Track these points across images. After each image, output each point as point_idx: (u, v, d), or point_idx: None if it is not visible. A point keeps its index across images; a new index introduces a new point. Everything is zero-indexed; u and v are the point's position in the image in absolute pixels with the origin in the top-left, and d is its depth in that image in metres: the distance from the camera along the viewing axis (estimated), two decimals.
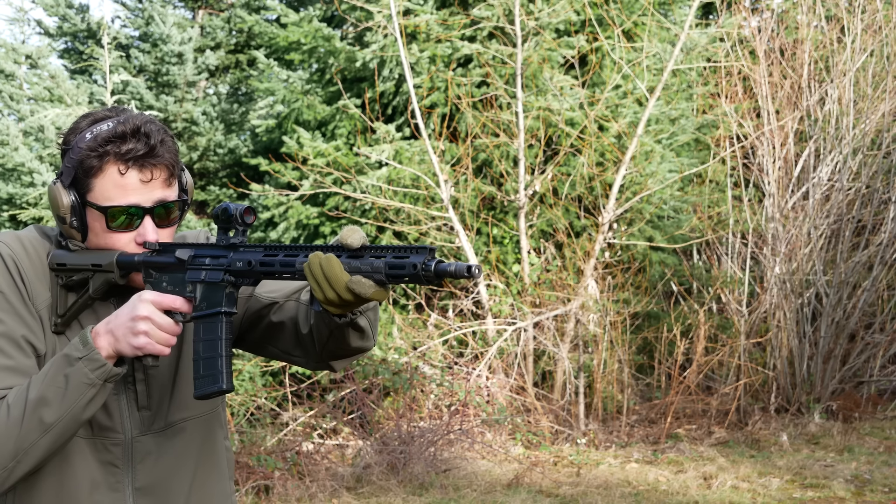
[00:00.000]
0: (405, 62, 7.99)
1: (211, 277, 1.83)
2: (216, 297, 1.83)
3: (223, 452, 2.08)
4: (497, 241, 8.60)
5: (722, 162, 8.80)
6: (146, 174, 1.84)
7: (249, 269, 1.79)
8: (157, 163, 1.84)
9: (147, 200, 1.85)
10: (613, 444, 7.40)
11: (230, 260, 1.82)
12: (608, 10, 8.74)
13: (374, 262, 1.66)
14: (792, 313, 8.16)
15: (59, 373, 1.75)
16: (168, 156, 1.86)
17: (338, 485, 6.13)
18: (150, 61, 10.31)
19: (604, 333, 7.86)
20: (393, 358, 7.52)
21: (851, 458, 6.90)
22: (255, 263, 1.78)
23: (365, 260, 1.67)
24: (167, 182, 1.87)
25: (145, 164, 1.84)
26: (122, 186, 1.84)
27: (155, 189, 1.85)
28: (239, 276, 1.82)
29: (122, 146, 1.82)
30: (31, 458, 1.76)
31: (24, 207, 8.18)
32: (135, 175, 1.84)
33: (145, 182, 1.84)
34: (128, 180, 1.84)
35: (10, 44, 10.04)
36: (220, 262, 1.83)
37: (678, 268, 8.82)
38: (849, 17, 8.69)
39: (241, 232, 1.83)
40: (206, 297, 1.83)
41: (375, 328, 1.92)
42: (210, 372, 1.83)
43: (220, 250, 1.84)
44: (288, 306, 1.99)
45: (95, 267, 1.88)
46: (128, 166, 1.83)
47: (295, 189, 8.80)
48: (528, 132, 8.39)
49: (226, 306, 1.83)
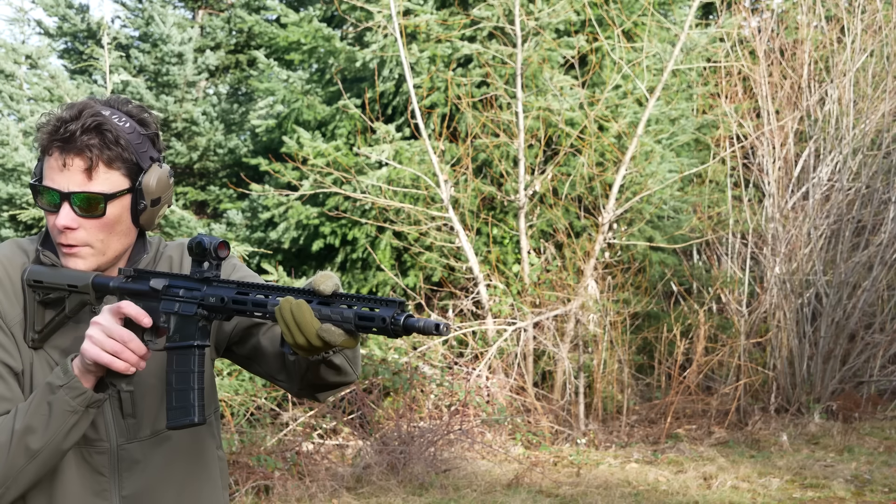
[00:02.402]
0: (405, 62, 7.99)
1: (184, 310, 1.84)
2: (189, 330, 1.84)
3: (215, 462, 2.07)
4: (497, 241, 8.60)
5: (722, 162, 8.80)
6: (62, 160, 1.84)
7: (222, 306, 1.81)
8: (75, 152, 1.83)
9: (64, 186, 1.84)
10: (613, 444, 7.40)
11: (204, 294, 1.82)
12: (608, 10, 8.74)
13: (344, 312, 1.68)
14: (792, 313, 8.16)
15: (42, 401, 1.78)
16: (93, 148, 1.83)
17: (338, 485, 6.13)
18: (150, 61, 10.30)
19: (604, 333, 7.86)
20: (393, 358, 7.52)
21: (851, 458, 6.90)
22: (228, 300, 1.80)
23: (335, 308, 1.69)
24: (88, 173, 1.84)
25: (65, 149, 1.84)
26: (50, 168, 1.86)
27: (73, 177, 1.84)
28: (212, 311, 1.83)
29: (56, 130, 1.84)
30: (19, 485, 1.80)
31: (24, 207, 8.18)
32: (58, 158, 1.85)
33: (62, 168, 1.84)
34: (53, 162, 1.85)
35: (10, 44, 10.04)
36: (194, 294, 1.83)
37: (678, 268, 8.82)
38: (849, 17, 8.69)
39: (216, 265, 1.83)
40: (179, 328, 1.84)
41: (356, 363, 1.91)
42: (182, 404, 1.84)
43: (194, 283, 1.84)
44: (277, 330, 1.98)
45: (71, 287, 1.88)
46: (54, 148, 1.85)
47: (295, 189, 8.80)
48: (528, 132, 8.39)
49: (199, 339, 1.83)
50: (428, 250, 8.47)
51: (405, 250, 8.64)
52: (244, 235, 9.36)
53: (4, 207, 8.55)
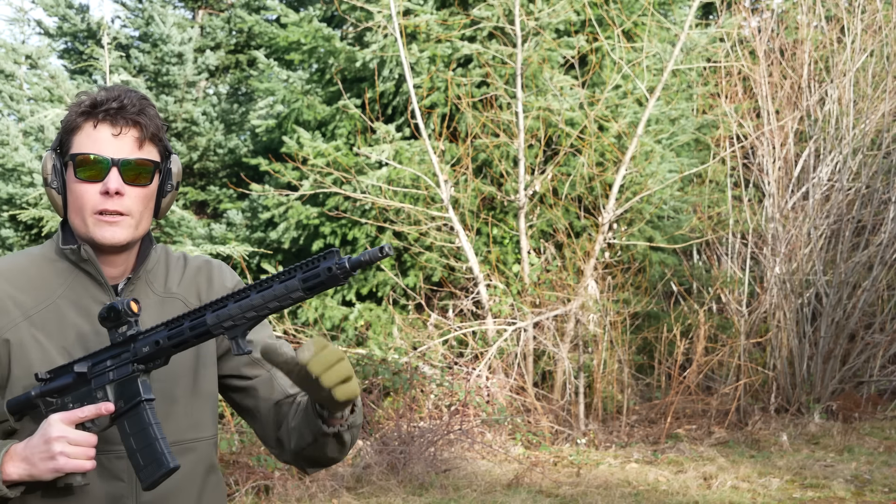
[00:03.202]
0: (405, 62, 7.99)
1: (119, 375, 1.82)
2: (132, 390, 1.81)
3: (222, 479, 2.09)
4: (497, 241, 8.60)
5: (722, 162, 8.80)
6: (116, 128, 1.89)
7: (158, 349, 1.79)
8: (128, 118, 1.89)
9: (115, 153, 1.89)
10: (613, 444, 7.40)
11: (135, 350, 1.80)
12: (608, 10, 8.74)
13: (289, 284, 1.68)
14: (792, 313, 8.16)
15: None
16: (143, 119, 1.90)
17: (338, 485, 6.13)
18: (150, 61, 10.31)
19: (604, 333, 7.86)
20: (393, 358, 7.52)
21: (851, 458, 6.90)
22: (164, 340, 1.78)
23: (277, 286, 1.69)
24: (139, 142, 1.90)
25: (117, 119, 1.89)
26: (94, 139, 1.89)
27: (125, 144, 1.89)
28: (150, 360, 1.81)
29: (99, 106, 1.89)
30: None
31: (24, 207, 8.18)
32: (106, 129, 1.89)
33: (115, 136, 1.88)
34: (100, 133, 1.89)
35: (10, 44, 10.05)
36: (124, 357, 1.81)
37: (678, 268, 8.82)
38: (849, 17, 8.69)
39: (135, 322, 1.82)
40: (120, 394, 1.82)
41: (355, 442, 1.96)
42: (152, 459, 1.81)
43: (118, 349, 1.82)
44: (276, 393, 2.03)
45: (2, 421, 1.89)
46: (99, 120, 1.89)
47: (295, 189, 8.80)
48: (528, 132, 8.39)
49: (144, 394, 1.81)
50: (428, 250, 8.47)
51: (405, 250, 8.64)
52: (244, 235, 9.36)
53: (4, 207, 8.55)
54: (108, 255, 1.93)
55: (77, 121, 1.90)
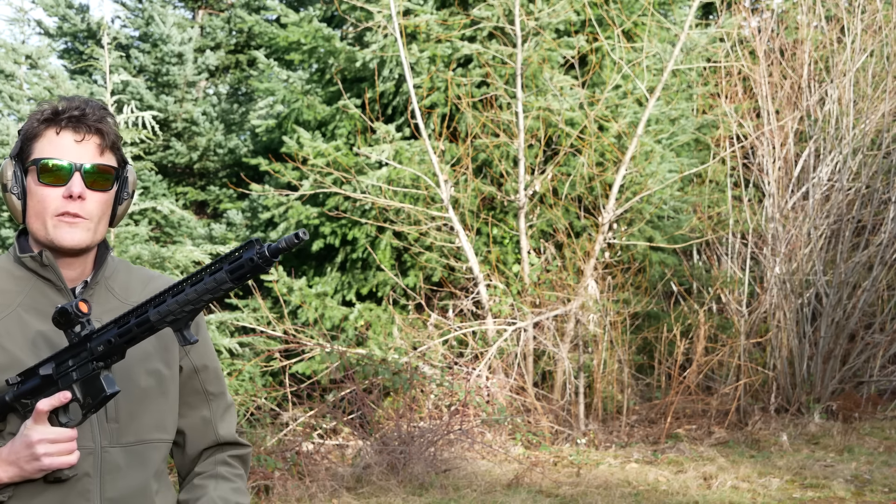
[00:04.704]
0: (405, 62, 7.99)
1: (82, 374, 1.88)
2: (95, 387, 1.88)
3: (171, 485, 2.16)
4: (497, 241, 8.60)
5: (722, 162, 8.80)
6: (79, 135, 1.95)
7: (111, 346, 1.86)
8: (90, 125, 1.95)
9: (78, 158, 1.94)
10: (613, 444, 7.40)
11: (91, 349, 1.87)
12: (608, 10, 8.74)
13: (217, 276, 1.75)
14: (792, 313, 8.16)
15: None
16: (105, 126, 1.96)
17: (338, 485, 6.13)
18: (150, 61, 10.31)
19: (604, 333, 7.86)
20: (393, 358, 7.52)
21: (851, 458, 6.90)
22: (115, 338, 1.85)
23: (207, 280, 1.76)
24: (101, 148, 1.97)
25: (80, 126, 1.95)
26: (56, 145, 1.95)
27: (88, 150, 1.95)
28: (106, 357, 1.88)
29: (62, 114, 1.95)
30: None
31: None
32: (69, 135, 1.95)
33: (78, 142, 1.95)
34: (62, 140, 1.95)
35: (10, 44, 10.04)
36: (83, 356, 1.88)
37: (678, 268, 8.82)
38: (849, 17, 8.69)
39: (87, 322, 1.88)
40: (87, 392, 1.88)
41: None
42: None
43: (76, 349, 1.89)
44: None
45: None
46: (62, 127, 1.95)
47: (295, 189, 8.80)
48: (528, 132, 8.39)
49: (109, 389, 1.87)
50: (428, 250, 8.47)
51: (405, 250, 8.64)
52: (244, 235, 9.36)
53: (4, 207, 8.55)
54: (66, 259, 1.99)
55: (39, 128, 1.96)
